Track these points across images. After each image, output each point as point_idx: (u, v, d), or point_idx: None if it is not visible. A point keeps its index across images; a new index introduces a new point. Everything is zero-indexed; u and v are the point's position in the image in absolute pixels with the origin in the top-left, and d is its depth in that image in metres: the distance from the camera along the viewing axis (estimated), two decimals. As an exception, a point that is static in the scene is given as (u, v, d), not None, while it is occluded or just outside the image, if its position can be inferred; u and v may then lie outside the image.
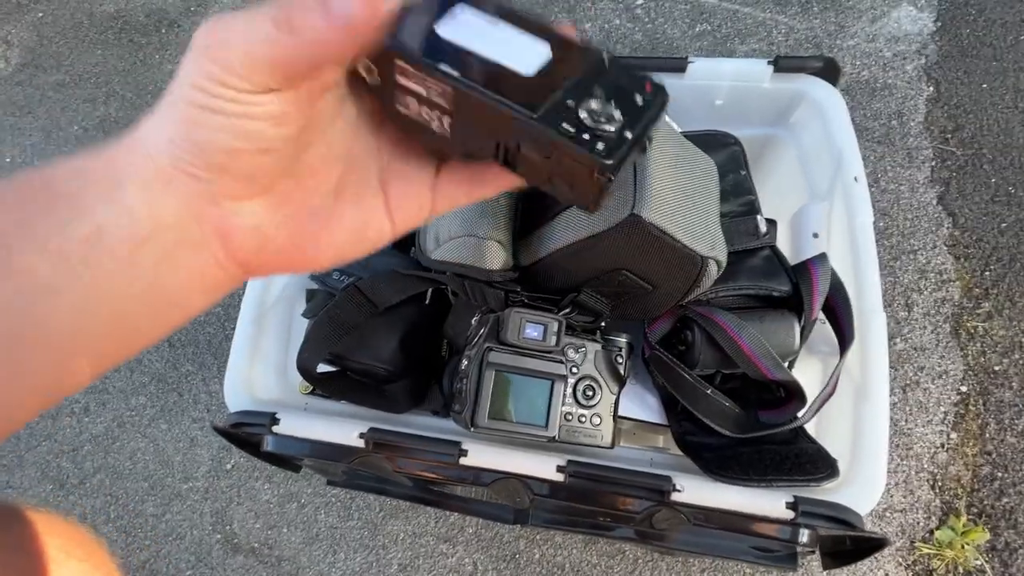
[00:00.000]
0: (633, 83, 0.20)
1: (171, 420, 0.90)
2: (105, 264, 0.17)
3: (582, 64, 0.20)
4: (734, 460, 0.46)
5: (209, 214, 0.19)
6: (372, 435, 0.48)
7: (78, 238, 0.17)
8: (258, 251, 0.20)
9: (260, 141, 0.18)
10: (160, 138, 0.18)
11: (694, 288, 0.43)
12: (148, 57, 1.29)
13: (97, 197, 0.17)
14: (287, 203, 0.20)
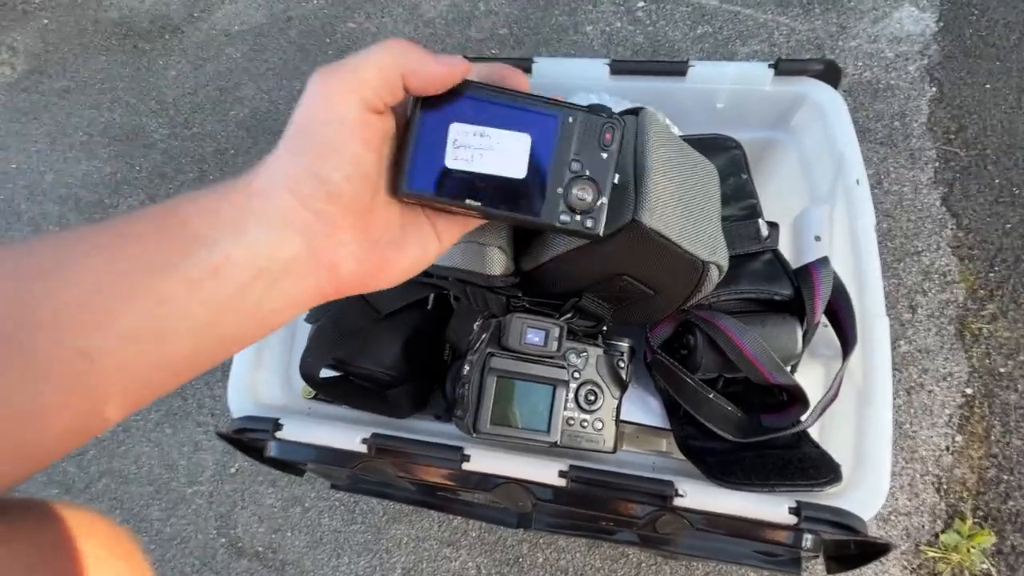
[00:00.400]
0: (595, 137, 0.26)
1: (176, 425, 0.90)
2: (226, 291, 0.21)
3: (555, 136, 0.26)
4: (737, 465, 0.46)
5: (323, 248, 0.23)
6: (375, 440, 0.48)
7: (210, 268, 0.20)
8: (353, 277, 0.24)
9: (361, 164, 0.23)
10: (278, 177, 0.22)
11: (695, 293, 0.43)
12: (152, 63, 1.30)
13: (225, 234, 0.21)
14: (373, 234, 0.25)
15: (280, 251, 0.22)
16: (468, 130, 0.25)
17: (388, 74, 0.23)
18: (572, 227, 0.26)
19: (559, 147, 0.26)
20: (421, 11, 1.24)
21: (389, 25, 1.24)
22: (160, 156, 1.18)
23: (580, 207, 0.26)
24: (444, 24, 1.21)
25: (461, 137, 0.25)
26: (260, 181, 0.22)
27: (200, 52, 1.28)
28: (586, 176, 0.26)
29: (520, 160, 0.25)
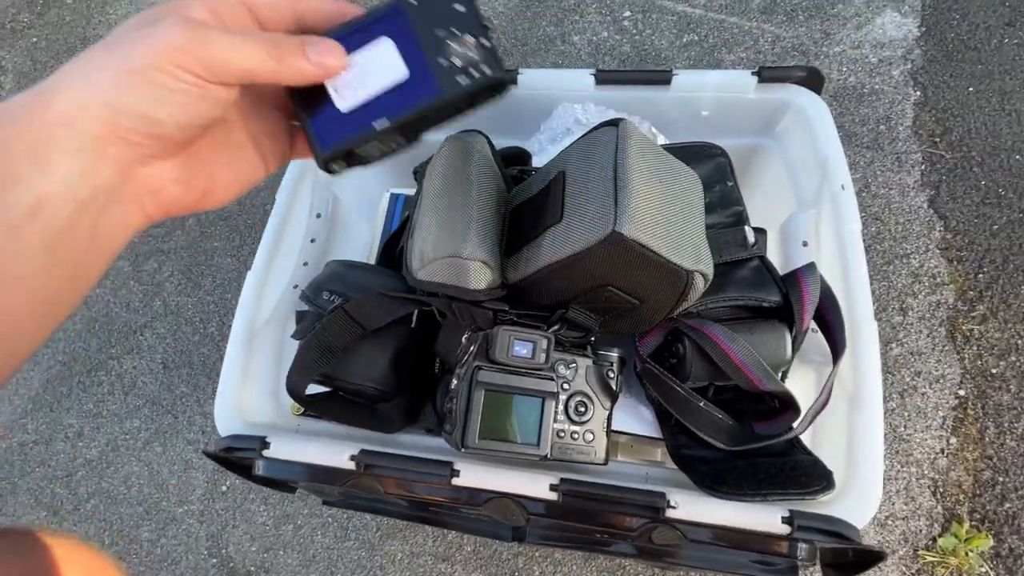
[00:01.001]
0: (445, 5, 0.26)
1: (166, 443, 0.89)
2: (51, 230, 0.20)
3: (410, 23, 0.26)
4: (728, 474, 0.45)
5: (141, 174, 0.22)
6: (363, 457, 0.48)
7: (23, 212, 0.19)
8: (179, 198, 0.25)
9: (202, 119, 0.23)
10: (94, 103, 0.20)
11: (682, 301, 0.43)
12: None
13: (30, 170, 0.19)
14: (200, 159, 0.25)
15: (96, 180, 0.21)
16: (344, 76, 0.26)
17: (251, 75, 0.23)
18: (474, 84, 0.25)
19: (419, 29, 0.26)
20: (409, 24, 1.24)
21: (378, 38, 1.24)
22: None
23: (468, 61, 0.25)
24: (432, 36, 1.22)
25: (339, 81, 0.26)
26: (63, 105, 0.20)
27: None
28: (455, 33, 0.26)
29: (394, 62, 0.26)
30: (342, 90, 0.26)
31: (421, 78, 0.26)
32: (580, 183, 0.41)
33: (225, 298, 0.97)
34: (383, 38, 0.26)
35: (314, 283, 0.56)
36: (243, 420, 0.55)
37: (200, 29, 0.21)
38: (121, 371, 0.96)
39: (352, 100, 0.26)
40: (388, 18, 0.26)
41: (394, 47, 0.26)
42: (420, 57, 0.26)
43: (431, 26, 0.26)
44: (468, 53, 0.25)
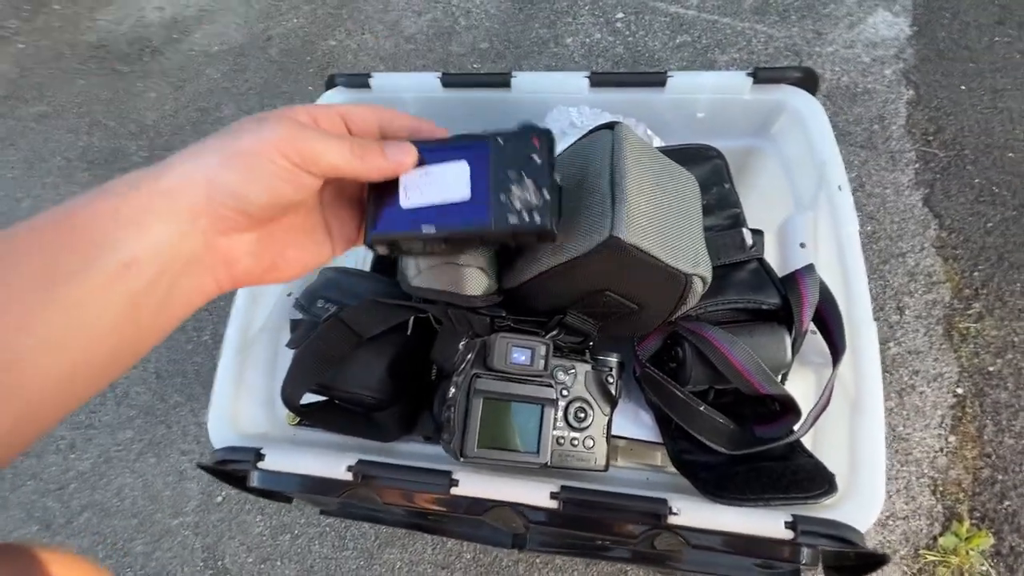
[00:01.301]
0: (525, 147, 0.30)
1: (159, 454, 0.88)
2: (135, 288, 0.22)
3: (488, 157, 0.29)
4: (730, 479, 0.45)
5: (221, 244, 0.25)
6: (360, 468, 0.47)
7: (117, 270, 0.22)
8: (249, 270, 0.27)
9: (286, 201, 0.26)
10: (197, 177, 0.24)
11: (680, 305, 0.43)
12: (131, 85, 1.28)
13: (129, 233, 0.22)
14: (276, 237, 0.28)
15: (182, 247, 0.23)
16: (414, 174, 0.29)
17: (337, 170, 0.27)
18: (522, 227, 0.29)
19: (495, 164, 0.29)
20: (402, 27, 1.24)
21: (370, 42, 1.24)
22: (140, 179, 1.16)
23: (525, 207, 0.29)
24: (425, 39, 1.21)
25: (409, 182, 0.29)
26: (173, 179, 0.23)
27: (180, 73, 1.27)
28: (524, 178, 0.29)
29: (462, 183, 0.29)
30: (410, 190, 0.29)
31: (479, 205, 0.29)
32: (576, 188, 0.41)
33: (219, 305, 0.96)
34: (462, 161, 0.29)
35: (308, 291, 0.55)
36: (237, 431, 0.54)
37: (301, 127, 0.26)
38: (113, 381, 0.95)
39: (414, 201, 0.29)
40: (474, 146, 0.30)
41: (467, 171, 0.29)
42: (485, 187, 0.29)
43: (506, 165, 0.29)
44: (528, 198, 0.29)
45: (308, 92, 1.17)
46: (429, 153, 0.29)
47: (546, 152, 0.29)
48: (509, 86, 0.63)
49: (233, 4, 1.35)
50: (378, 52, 1.20)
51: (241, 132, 0.25)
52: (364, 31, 1.26)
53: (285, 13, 1.31)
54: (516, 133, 0.30)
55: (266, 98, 1.21)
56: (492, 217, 0.29)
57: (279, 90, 1.21)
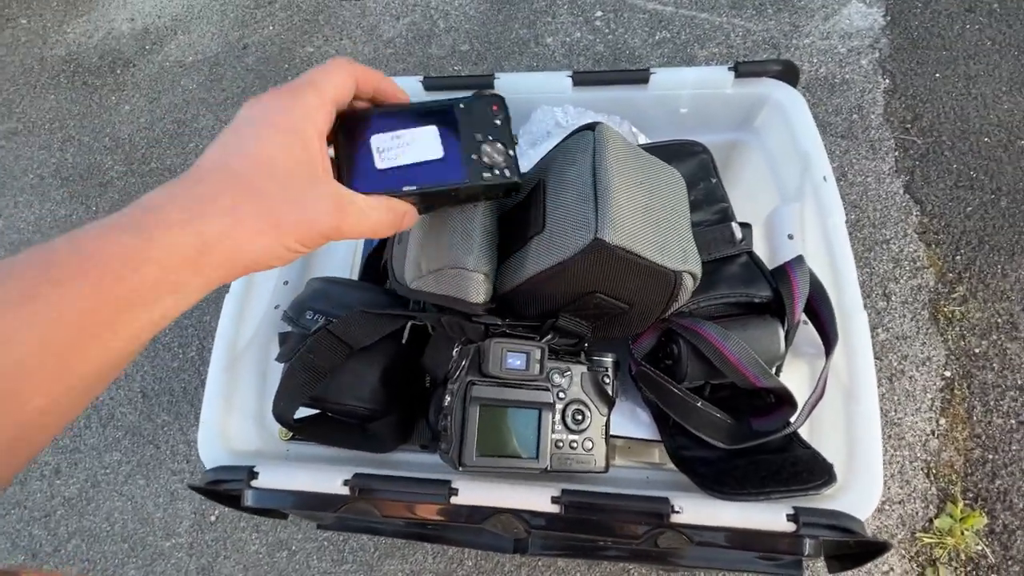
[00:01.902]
0: (486, 112, 0.33)
1: (149, 475, 0.86)
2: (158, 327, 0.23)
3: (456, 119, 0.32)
4: (730, 474, 0.45)
5: None
6: (357, 481, 0.46)
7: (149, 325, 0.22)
8: None
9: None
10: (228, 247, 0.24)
11: (672, 303, 0.43)
12: (104, 99, 1.25)
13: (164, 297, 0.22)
14: None
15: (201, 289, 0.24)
16: (385, 137, 0.31)
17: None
18: (495, 181, 0.32)
19: (462, 126, 0.32)
20: (380, 31, 1.23)
21: (348, 47, 1.22)
22: (118, 194, 1.13)
23: (495, 164, 0.32)
24: (404, 43, 1.20)
25: (382, 144, 0.30)
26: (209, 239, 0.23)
27: (154, 85, 1.25)
28: (490, 139, 0.32)
29: (434, 144, 0.31)
30: (384, 152, 0.30)
31: (453, 164, 0.31)
32: (560, 190, 0.40)
33: (204, 320, 0.94)
34: (431, 125, 0.31)
35: (296, 303, 0.54)
36: (228, 449, 0.52)
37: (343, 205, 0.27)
38: (97, 402, 0.93)
39: (388, 162, 0.30)
40: (440, 113, 0.32)
41: (437, 133, 0.31)
42: (456, 148, 0.31)
43: (472, 129, 0.32)
44: (496, 156, 0.32)
45: (287, 100, 1.15)
46: (397, 117, 0.31)
47: (503, 115, 0.33)
48: (492, 87, 0.63)
49: (207, 13, 1.32)
50: (357, 57, 1.19)
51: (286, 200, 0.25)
52: (342, 36, 1.25)
53: (261, 20, 1.29)
54: (475, 99, 0.33)
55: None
56: (466, 172, 0.31)
57: (257, 99, 1.19)
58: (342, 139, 0.30)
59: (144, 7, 1.33)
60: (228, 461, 0.51)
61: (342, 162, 0.30)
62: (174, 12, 1.33)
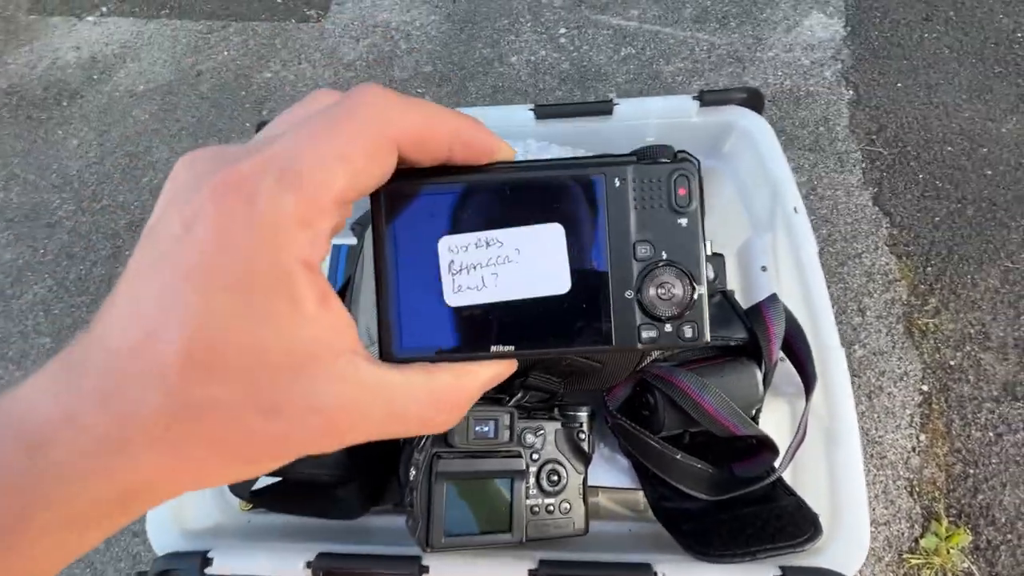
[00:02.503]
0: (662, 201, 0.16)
1: (108, 539, 0.81)
2: None
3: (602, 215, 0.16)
4: (714, 532, 0.43)
5: None
6: (320, 563, 0.43)
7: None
8: None
9: None
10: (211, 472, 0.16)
11: (645, 357, 0.41)
12: (50, 133, 1.19)
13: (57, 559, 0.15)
14: None
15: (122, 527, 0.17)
16: (466, 242, 0.16)
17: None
18: (664, 343, 0.17)
19: (612, 229, 0.17)
20: (340, 54, 1.19)
21: (308, 72, 1.19)
22: (67, 235, 1.08)
23: (666, 310, 0.17)
24: (365, 66, 1.17)
25: (459, 256, 0.17)
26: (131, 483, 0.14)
27: (103, 117, 1.19)
28: (664, 262, 0.17)
29: (557, 265, 0.17)
30: (462, 273, 0.17)
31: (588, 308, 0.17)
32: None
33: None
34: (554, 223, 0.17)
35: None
36: (182, 529, 0.49)
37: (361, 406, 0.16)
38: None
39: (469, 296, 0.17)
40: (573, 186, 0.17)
41: (564, 243, 0.17)
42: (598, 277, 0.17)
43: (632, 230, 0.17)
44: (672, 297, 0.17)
45: (245, 129, 1.11)
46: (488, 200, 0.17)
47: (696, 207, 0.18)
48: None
49: (157, 39, 1.27)
50: (316, 82, 1.15)
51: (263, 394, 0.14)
52: (300, 60, 1.21)
53: (214, 46, 1.24)
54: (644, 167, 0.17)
55: (200, 138, 1.14)
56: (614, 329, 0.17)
57: (214, 128, 1.15)
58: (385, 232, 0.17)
59: (90, 35, 1.27)
60: (181, 544, 0.47)
61: (384, 283, 0.17)
62: (122, 39, 1.28)
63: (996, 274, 0.82)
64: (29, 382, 0.14)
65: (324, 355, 0.15)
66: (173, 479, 0.15)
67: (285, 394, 0.15)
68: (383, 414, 0.16)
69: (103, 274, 0.98)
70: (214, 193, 0.14)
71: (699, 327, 0.17)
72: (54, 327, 0.96)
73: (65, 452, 0.13)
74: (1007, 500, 0.70)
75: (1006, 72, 0.98)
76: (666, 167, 0.18)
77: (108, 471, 0.14)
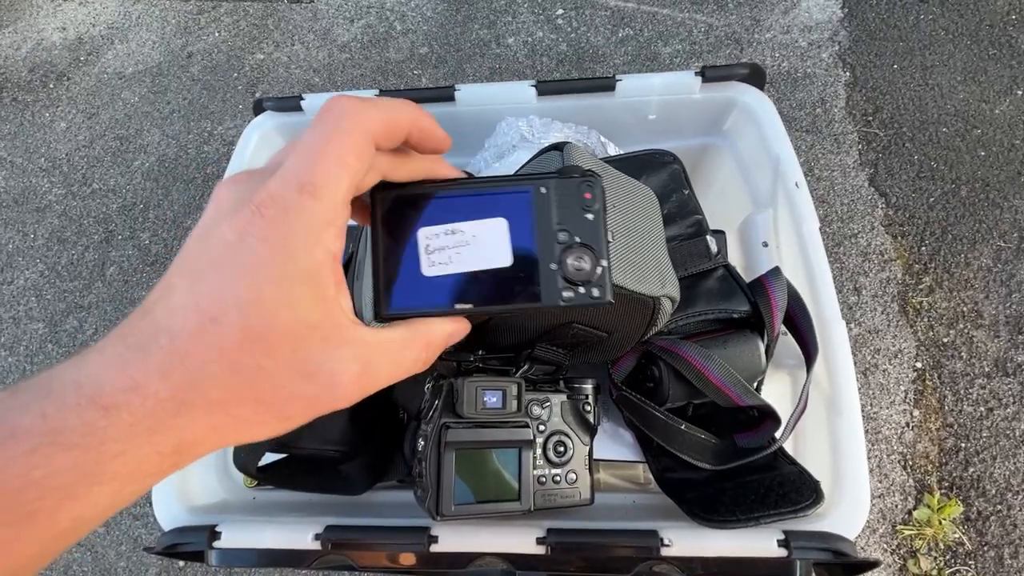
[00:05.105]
0: (576, 200, 0.24)
1: (108, 522, 0.81)
2: None
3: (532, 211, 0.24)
4: (718, 500, 0.44)
5: None
6: (329, 535, 0.43)
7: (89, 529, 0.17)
8: None
9: None
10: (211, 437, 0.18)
11: (651, 327, 0.41)
12: (37, 116, 1.17)
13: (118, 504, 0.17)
14: None
15: None
16: (437, 231, 0.23)
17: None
18: (578, 302, 0.24)
19: (540, 221, 0.24)
20: (334, 35, 1.18)
21: (301, 53, 1.17)
22: (57, 219, 1.06)
23: (580, 278, 0.24)
24: (360, 47, 1.15)
25: (432, 241, 0.23)
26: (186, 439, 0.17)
27: (92, 99, 1.17)
28: (577, 243, 0.24)
29: (502, 246, 0.23)
30: (434, 253, 0.23)
31: (523, 275, 0.23)
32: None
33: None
34: (498, 217, 0.24)
35: (253, 342, 0.50)
36: (188, 506, 0.49)
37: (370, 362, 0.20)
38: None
39: (440, 268, 0.23)
40: (512, 194, 0.24)
41: (506, 230, 0.24)
42: (531, 254, 0.24)
43: (554, 225, 0.24)
44: (583, 269, 0.24)
45: (238, 111, 1.09)
46: (454, 201, 0.24)
47: (599, 207, 0.24)
48: (454, 99, 0.60)
49: (146, 19, 1.24)
50: (311, 63, 1.13)
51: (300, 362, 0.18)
52: (294, 41, 1.19)
53: (205, 27, 1.22)
54: (562, 180, 0.24)
55: (191, 120, 1.13)
56: (542, 292, 0.23)
57: (206, 111, 1.13)
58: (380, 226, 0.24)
59: (76, 15, 1.24)
60: (188, 520, 0.47)
61: (378, 265, 0.24)
62: (109, 19, 1.25)
63: (989, 253, 0.83)
64: (93, 357, 0.17)
65: (341, 327, 0.19)
66: (220, 434, 0.18)
67: (317, 360, 0.18)
68: (386, 362, 0.21)
69: (96, 259, 0.97)
70: (259, 208, 0.18)
71: (604, 290, 0.24)
72: (46, 312, 0.95)
73: (134, 414, 0.16)
74: (997, 472, 0.71)
75: (1000, 54, 0.98)
76: (577, 180, 0.25)
77: (169, 428, 0.17)
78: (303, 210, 0.18)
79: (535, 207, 0.24)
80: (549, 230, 0.24)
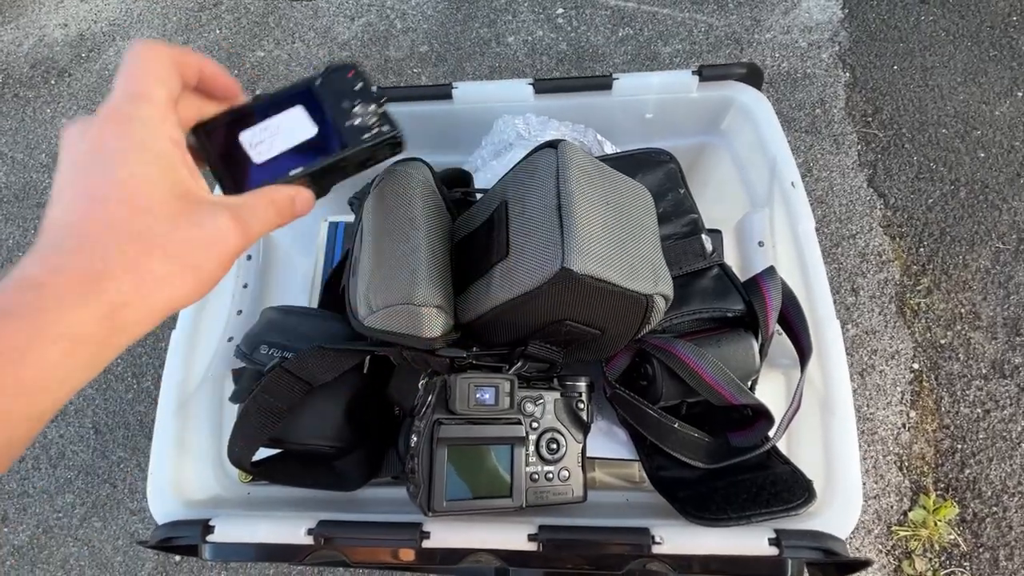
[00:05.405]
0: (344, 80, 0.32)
1: (106, 516, 0.81)
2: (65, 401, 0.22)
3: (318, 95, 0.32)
4: (710, 498, 0.44)
5: None
6: (322, 530, 0.43)
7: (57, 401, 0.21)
8: None
9: None
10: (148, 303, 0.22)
11: (644, 325, 0.41)
12: (38, 112, 1.17)
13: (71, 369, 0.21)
14: None
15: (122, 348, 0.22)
16: (254, 131, 0.30)
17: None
18: (376, 139, 0.31)
19: (326, 100, 0.31)
20: (334, 33, 1.18)
21: (301, 51, 1.17)
22: (58, 215, 1.06)
23: (369, 122, 0.31)
24: (360, 45, 1.15)
25: (253, 139, 0.30)
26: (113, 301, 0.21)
27: (93, 96, 1.17)
28: (358, 103, 0.32)
29: (305, 124, 0.31)
30: (257, 147, 0.30)
31: (329, 137, 0.31)
32: (524, 215, 0.38)
33: (159, 347, 0.89)
34: (296, 106, 0.31)
35: (249, 336, 0.50)
36: (182, 500, 0.49)
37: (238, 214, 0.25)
38: (46, 441, 0.87)
39: (267, 154, 0.30)
40: (300, 93, 0.31)
41: (305, 112, 0.31)
42: (328, 121, 0.31)
43: (336, 99, 0.31)
44: (369, 117, 0.31)
45: (239, 108, 1.09)
46: (257, 111, 0.31)
47: (363, 79, 0.32)
48: (451, 97, 0.60)
49: (147, 16, 1.25)
50: (311, 61, 1.14)
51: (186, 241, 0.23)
52: (294, 39, 1.19)
53: (206, 24, 1.22)
54: (328, 73, 0.32)
55: (193, 117, 1.13)
56: (347, 142, 0.31)
57: (207, 108, 1.13)
58: (209, 149, 0.29)
59: (77, 12, 1.25)
60: (182, 514, 0.47)
61: (220, 172, 0.30)
62: (111, 16, 1.25)
63: (987, 255, 0.83)
64: (20, 263, 0.20)
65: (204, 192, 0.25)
66: (144, 294, 0.21)
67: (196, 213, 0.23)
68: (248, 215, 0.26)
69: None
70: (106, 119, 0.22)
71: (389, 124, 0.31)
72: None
73: (60, 287, 0.20)
74: (993, 474, 0.71)
75: (1000, 55, 0.98)
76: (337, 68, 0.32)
77: (95, 293, 0.20)
78: (140, 111, 0.23)
79: (319, 93, 0.31)
80: (335, 103, 0.31)
